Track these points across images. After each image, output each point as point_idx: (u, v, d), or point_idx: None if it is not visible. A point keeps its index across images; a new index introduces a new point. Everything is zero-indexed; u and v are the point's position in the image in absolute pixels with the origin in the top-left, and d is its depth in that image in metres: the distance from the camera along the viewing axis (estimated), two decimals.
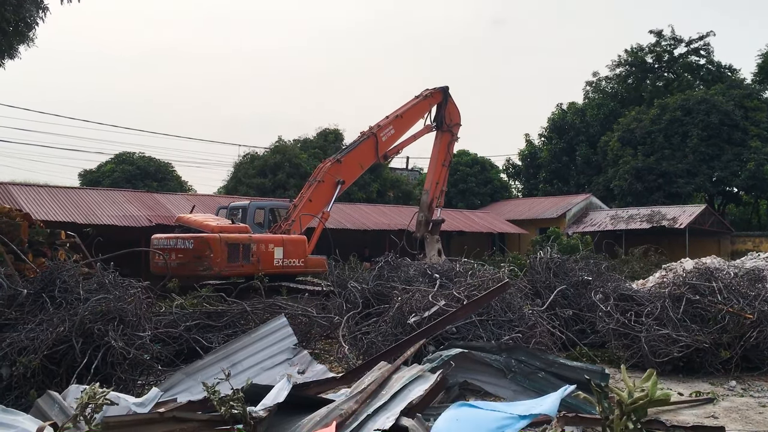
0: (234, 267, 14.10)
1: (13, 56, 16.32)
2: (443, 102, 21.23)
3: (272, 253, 14.86)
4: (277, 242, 15.12)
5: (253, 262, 14.35)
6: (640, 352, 9.00)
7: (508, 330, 8.11)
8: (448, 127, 21.50)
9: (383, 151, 19.23)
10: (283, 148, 38.27)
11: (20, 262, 9.73)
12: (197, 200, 28.39)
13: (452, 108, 21.62)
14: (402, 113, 19.81)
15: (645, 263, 22.84)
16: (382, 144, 19.04)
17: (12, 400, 6.23)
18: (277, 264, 14.88)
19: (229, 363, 7.06)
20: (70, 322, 6.71)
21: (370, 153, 18.92)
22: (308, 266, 15.60)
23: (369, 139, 18.82)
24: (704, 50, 49.15)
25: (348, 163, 18.27)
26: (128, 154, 42.16)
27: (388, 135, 19.21)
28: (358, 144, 18.84)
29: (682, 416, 6.80)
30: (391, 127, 19.30)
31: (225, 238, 14.13)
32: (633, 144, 42.65)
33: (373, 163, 19.91)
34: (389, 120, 19.39)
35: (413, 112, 20.35)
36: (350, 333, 9.37)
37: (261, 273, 11.80)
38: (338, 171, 17.88)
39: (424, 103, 20.73)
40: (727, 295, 9.38)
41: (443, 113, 21.28)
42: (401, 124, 19.76)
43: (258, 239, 14.78)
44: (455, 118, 21.81)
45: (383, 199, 39.69)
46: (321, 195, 17.45)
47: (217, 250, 13.79)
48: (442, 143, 21.49)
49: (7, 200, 21.24)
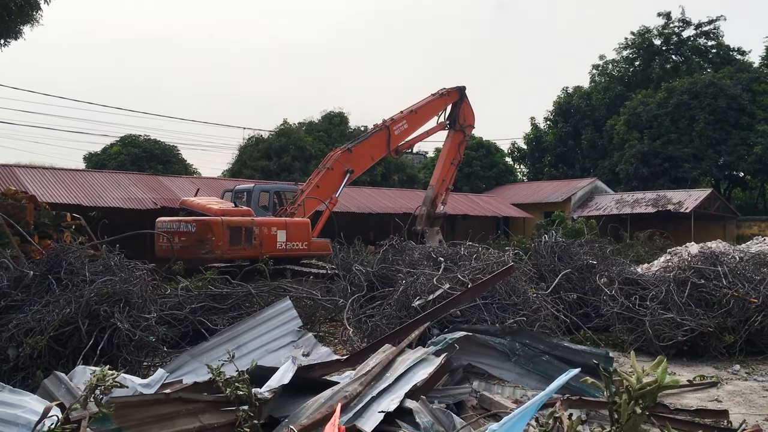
0: (236, 250, 14.05)
1: (17, 37, 16.26)
2: (459, 101, 21.21)
3: (275, 236, 14.78)
4: (280, 225, 15.05)
5: (255, 245, 14.30)
6: (644, 336, 9.01)
7: (512, 313, 8.13)
8: (461, 126, 21.50)
9: (395, 144, 19.21)
10: (288, 131, 38.16)
11: (26, 243, 9.79)
12: (202, 183, 28.38)
13: (467, 109, 21.62)
14: (416, 109, 19.83)
15: (650, 247, 22.79)
16: (395, 137, 19.06)
17: (19, 381, 6.29)
18: (280, 247, 14.78)
19: (234, 345, 7.09)
20: (76, 304, 6.75)
21: (381, 145, 18.95)
22: (312, 249, 15.55)
23: (381, 132, 18.83)
24: (713, 33, 48.68)
25: (359, 153, 18.26)
26: (134, 137, 42.12)
27: (401, 129, 19.22)
28: (371, 135, 18.87)
29: (685, 400, 6.82)
30: (404, 121, 19.31)
31: (227, 221, 14.08)
32: (639, 128, 42.38)
33: (384, 156, 19.97)
34: (403, 115, 19.41)
35: (428, 109, 20.35)
36: (355, 316, 9.40)
37: (264, 256, 11.78)
38: (348, 160, 17.88)
39: (440, 101, 20.71)
40: (732, 280, 9.38)
41: (457, 112, 21.26)
42: (415, 120, 19.78)
43: (260, 222, 14.71)
44: (469, 119, 21.82)
45: (388, 183, 39.61)
46: (329, 182, 17.47)
47: (218, 233, 13.75)
48: (453, 142, 21.52)
49: (13, 182, 21.29)
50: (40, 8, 15.87)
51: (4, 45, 16.23)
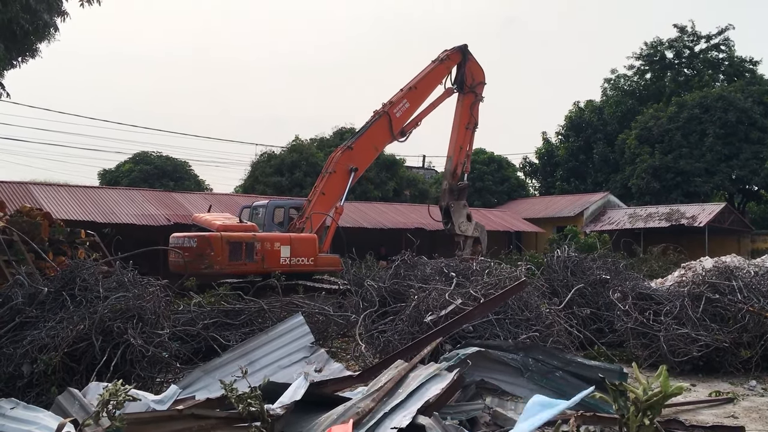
0: (236, 265, 14.13)
1: (34, 55, 16.49)
2: (463, 61, 19.66)
3: (278, 252, 14.78)
4: (284, 240, 15.06)
5: (257, 260, 14.40)
6: (658, 352, 8.94)
7: (525, 329, 8.08)
8: (470, 87, 19.90)
9: (398, 127, 18.18)
10: (300, 147, 38.34)
11: (41, 260, 9.85)
12: (215, 199, 28.53)
13: (473, 66, 20.01)
14: (416, 84, 18.59)
15: (664, 262, 22.61)
16: (397, 120, 18.08)
17: (33, 397, 6.32)
18: (284, 262, 14.72)
19: (246, 361, 7.11)
20: (90, 320, 6.79)
21: (384, 133, 18.04)
22: (319, 265, 15.32)
23: (381, 119, 17.93)
24: (725, 45, 48.49)
25: (360, 148, 17.60)
26: (146, 154, 42.49)
27: (403, 110, 18.18)
28: (370, 126, 17.94)
29: (701, 416, 6.74)
30: (404, 101, 18.23)
31: (226, 237, 14.21)
32: (651, 142, 42.22)
33: (389, 142, 18.65)
34: (402, 94, 18.29)
35: (429, 80, 19.01)
36: (367, 331, 9.38)
37: (276, 273, 11.83)
38: (350, 158, 17.26)
39: (440, 67, 19.33)
40: (747, 294, 9.29)
41: (464, 73, 19.71)
42: (416, 96, 18.57)
43: (262, 237, 14.77)
44: (478, 77, 20.14)
45: (399, 198, 39.62)
46: (334, 186, 17.03)
47: (218, 249, 13.88)
48: (464, 105, 19.93)
49: (28, 200, 21.47)
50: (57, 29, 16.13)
51: (22, 63, 16.47)
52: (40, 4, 14.85)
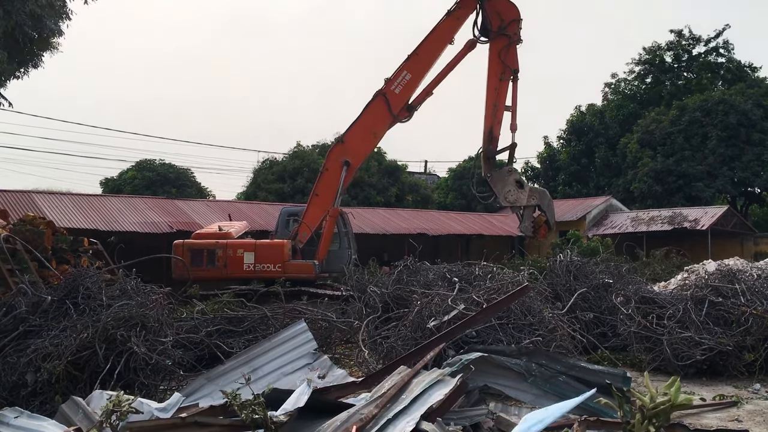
0: (197, 271, 14.91)
1: (37, 65, 16.55)
2: (481, 4, 15.58)
3: (241, 258, 15.51)
4: (247, 247, 15.71)
5: (218, 266, 15.39)
6: (662, 356, 8.92)
7: (528, 333, 8.07)
8: (499, 30, 15.41)
9: (399, 105, 15.75)
10: (302, 154, 38.43)
11: (44, 269, 9.88)
12: (217, 206, 28.65)
13: (500, 3, 15.49)
14: (418, 49, 15.77)
15: (666, 265, 22.56)
16: (396, 98, 15.68)
17: (37, 406, 6.33)
18: (247, 269, 15.41)
19: (249, 368, 7.11)
20: (94, 328, 6.81)
21: (382, 116, 15.84)
22: (287, 272, 15.08)
23: (376, 101, 15.82)
24: (724, 48, 48.58)
25: (353, 138, 16.08)
26: (148, 161, 42.60)
27: (403, 84, 15.68)
28: (363, 112, 16.01)
29: (705, 420, 6.73)
30: (404, 73, 15.68)
31: (188, 244, 15.80)
32: (652, 145, 42.22)
33: (391, 124, 16.06)
34: (402, 66, 15.75)
35: (434, 42, 15.81)
36: (370, 337, 9.37)
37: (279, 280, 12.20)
38: (344, 151, 16.01)
39: (448, 22, 15.86)
40: (751, 297, 9.27)
41: (487, 16, 15.50)
42: (419, 64, 15.74)
43: (224, 244, 15.68)
44: (508, 14, 15.44)
45: (402, 204, 39.66)
46: (328, 184, 16.09)
47: (180, 256, 15.24)
48: (492, 54, 15.52)
49: (31, 208, 21.53)
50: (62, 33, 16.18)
51: (24, 74, 16.54)
52: (44, 9, 14.91)
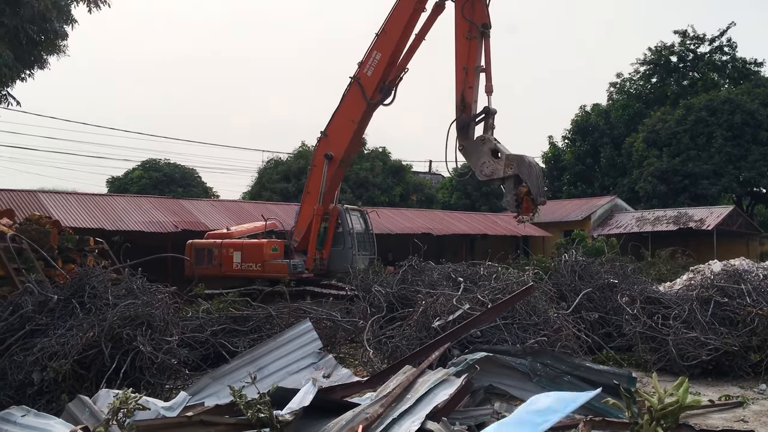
0: (200, 269, 15.94)
1: (43, 67, 16.62)
2: None
3: (232, 257, 16.16)
4: (236, 247, 16.32)
5: (215, 264, 16.15)
6: (667, 356, 8.90)
7: (533, 333, 8.08)
8: None
9: (372, 89, 15.12)
10: (307, 153, 38.39)
11: (50, 268, 9.92)
12: (222, 205, 28.68)
13: None
14: (385, 26, 14.95)
15: (672, 265, 22.49)
16: (369, 80, 15.14)
17: (43, 405, 6.35)
18: (236, 267, 16.08)
19: (255, 367, 7.12)
20: (100, 327, 6.83)
21: (357, 102, 15.37)
22: (266, 271, 15.69)
23: (351, 89, 15.45)
24: (728, 47, 48.46)
25: (334, 130, 15.75)
26: (154, 161, 42.72)
27: (374, 66, 15.10)
28: (340, 102, 15.68)
29: (711, 420, 6.72)
30: (375, 53, 15.06)
31: (195, 244, 16.66)
32: (658, 145, 42.09)
33: (367, 109, 15.46)
34: (370, 48, 15.18)
35: (400, 14, 14.80)
36: (375, 337, 9.38)
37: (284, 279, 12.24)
38: (327, 145, 15.78)
39: None
40: (756, 298, 9.26)
41: None
42: (388, 42, 14.93)
43: (220, 245, 16.40)
44: None
45: (406, 203, 39.66)
46: (316, 181, 15.99)
47: (189, 255, 16.17)
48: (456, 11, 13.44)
49: (37, 208, 21.59)
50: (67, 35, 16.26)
51: (30, 76, 16.60)
52: (49, 12, 14.97)
